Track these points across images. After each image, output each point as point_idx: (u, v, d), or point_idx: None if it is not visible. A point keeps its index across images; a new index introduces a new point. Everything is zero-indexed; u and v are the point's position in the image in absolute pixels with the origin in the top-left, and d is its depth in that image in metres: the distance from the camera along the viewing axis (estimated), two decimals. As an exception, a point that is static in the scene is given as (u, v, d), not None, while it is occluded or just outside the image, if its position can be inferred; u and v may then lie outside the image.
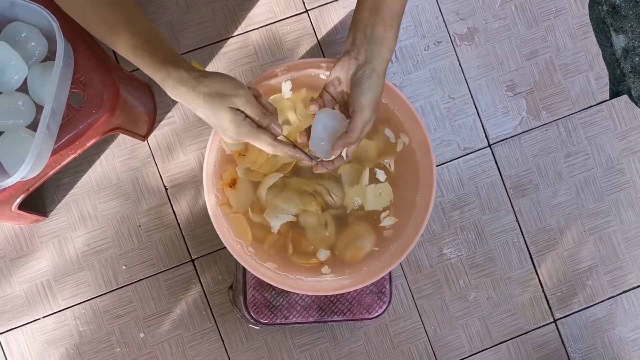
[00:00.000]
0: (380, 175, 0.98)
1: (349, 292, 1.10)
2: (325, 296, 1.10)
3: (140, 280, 1.31)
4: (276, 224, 0.97)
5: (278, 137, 0.82)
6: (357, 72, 0.81)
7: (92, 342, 1.29)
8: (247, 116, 0.79)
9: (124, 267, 1.30)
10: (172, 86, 0.77)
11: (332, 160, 0.86)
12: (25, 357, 1.28)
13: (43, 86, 0.97)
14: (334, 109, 0.86)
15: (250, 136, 0.79)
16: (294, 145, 0.83)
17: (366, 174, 0.97)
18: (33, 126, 0.99)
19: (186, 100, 0.78)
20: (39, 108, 0.99)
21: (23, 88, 0.98)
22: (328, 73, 0.88)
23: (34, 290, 1.29)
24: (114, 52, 1.32)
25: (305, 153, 0.85)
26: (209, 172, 0.95)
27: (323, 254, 0.97)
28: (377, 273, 0.95)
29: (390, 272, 1.09)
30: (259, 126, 0.80)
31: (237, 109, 0.78)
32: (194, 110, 0.79)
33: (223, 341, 1.32)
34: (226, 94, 0.76)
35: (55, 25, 0.90)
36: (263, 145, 0.80)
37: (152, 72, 0.78)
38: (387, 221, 0.99)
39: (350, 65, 0.82)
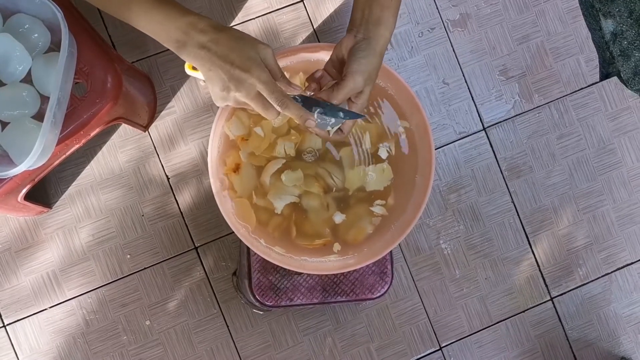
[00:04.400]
0: (383, 152, 1.00)
1: (352, 274, 1.13)
2: (329, 278, 1.12)
3: (145, 268, 1.33)
4: (280, 204, 0.99)
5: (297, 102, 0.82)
6: (355, 45, 0.83)
7: (98, 331, 1.31)
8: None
9: (128, 256, 1.32)
10: (201, 30, 0.76)
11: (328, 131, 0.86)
12: (33, 347, 1.30)
13: (47, 77, 0.99)
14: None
15: (267, 85, 0.77)
16: (301, 107, 0.82)
17: (367, 137, 1.00)
18: (38, 116, 1.00)
19: (214, 42, 0.76)
20: (44, 99, 1.01)
21: (27, 79, 1.00)
22: (319, 55, 0.89)
23: (40, 281, 1.30)
24: (114, 45, 1.34)
25: (311, 114, 0.83)
26: (214, 158, 0.98)
27: (339, 217, 1.00)
28: (380, 251, 0.98)
29: (391, 252, 1.12)
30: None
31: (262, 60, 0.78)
32: (220, 52, 0.76)
33: (228, 327, 1.34)
34: (254, 40, 0.78)
35: (59, 15, 0.92)
36: (275, 99, 0.78)
37: (181, 16, 0.77)
38: (378, 209, 1.01)
39: (349, 42, 0.84)
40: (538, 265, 1.43)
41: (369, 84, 0.84)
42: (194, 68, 0.96)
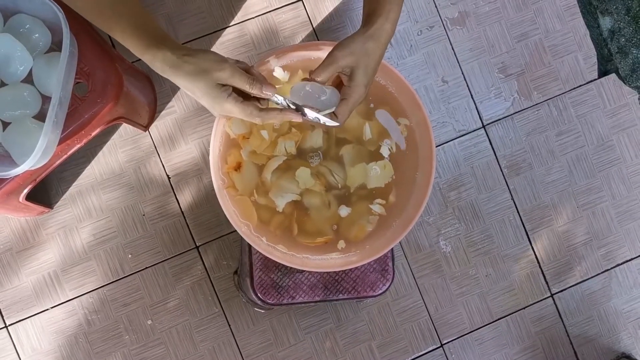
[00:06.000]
0: (384, 150, 1.00)
1: (353, 271, 1.13)
2: (331, 275, 1.12)
3: (146, 268, 1.33)
4: (281, 202, 0.99)
5: (277, 103, 0.82)
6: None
7: (100, 331, 1.31)
8: (234, 90, 0.79)
9: (129, 255, 1.33)
10: (159, 68, 0.78)
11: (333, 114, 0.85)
12: (35, 348, 1.30)
13: (48, 77, 0.99)
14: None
15: (236, 112, 0.79)
16: (281, 109, 0.82)
17: (367, 127, 1.00)
18: (39, 116, 1.00)
19: (175, 81, 0.79)
20: (45, 98, 1.01)
21: (28, 79, 1.00)
22: (318, 53, 0.89)
23: (41, 281, 1.31)
24: (114, 45, 1.34)
25: (294, 110, 0.83)
26: (215, 156, 0.98)
27: (344, 211, 1.00)
28: (382, 248, 0.98)
29: (392, 250, 1.12)
30: (249, 97, 0.80)
31: (225, 85, 0.78)
32: (185, 89, 0.80)
33: (230, 326, 1.34)
34: (210, 70, 0.77)
35: (60, 15, 0.92)
36: (251, 118, 0.80)
37: (140, 55, 0.79)
38: (377, 207, 1.02)
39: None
40: (538, 262, 1.43)
41: (368, 75, 0.85)
42: None
